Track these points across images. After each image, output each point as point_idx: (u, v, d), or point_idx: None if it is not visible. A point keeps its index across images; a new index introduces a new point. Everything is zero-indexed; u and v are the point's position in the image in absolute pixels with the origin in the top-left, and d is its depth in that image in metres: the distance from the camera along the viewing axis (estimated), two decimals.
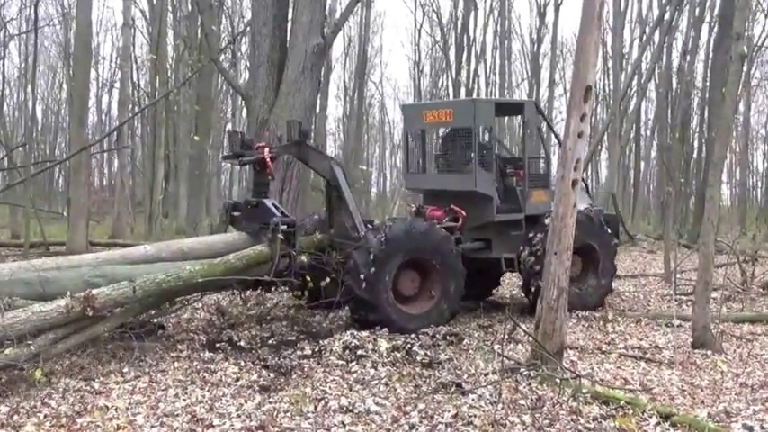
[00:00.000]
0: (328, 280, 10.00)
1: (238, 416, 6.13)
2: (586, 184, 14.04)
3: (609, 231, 12.04)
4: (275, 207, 10.14)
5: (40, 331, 7.09)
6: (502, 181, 11.85)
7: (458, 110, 11.96)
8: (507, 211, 11.43)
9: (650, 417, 6.22)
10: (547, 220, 10.39)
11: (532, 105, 12.63)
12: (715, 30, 29.29)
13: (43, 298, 7.47)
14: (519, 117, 13.65)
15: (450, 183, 11.88)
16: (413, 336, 9.23)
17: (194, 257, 9.26)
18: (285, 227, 9.68)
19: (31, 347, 6.89)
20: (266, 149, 10.34)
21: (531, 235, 11.27)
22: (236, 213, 10.73)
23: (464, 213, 11.24)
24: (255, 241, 9.83)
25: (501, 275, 12.58)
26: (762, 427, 6.15)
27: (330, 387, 7.04)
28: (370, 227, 10.55)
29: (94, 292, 7.45)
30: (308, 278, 10.03)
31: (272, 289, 10.76)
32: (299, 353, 8.52)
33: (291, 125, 10.95)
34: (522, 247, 11.25)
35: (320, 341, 8.94)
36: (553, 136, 14.29)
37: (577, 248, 9.37)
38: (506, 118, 33.32)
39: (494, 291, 13.03)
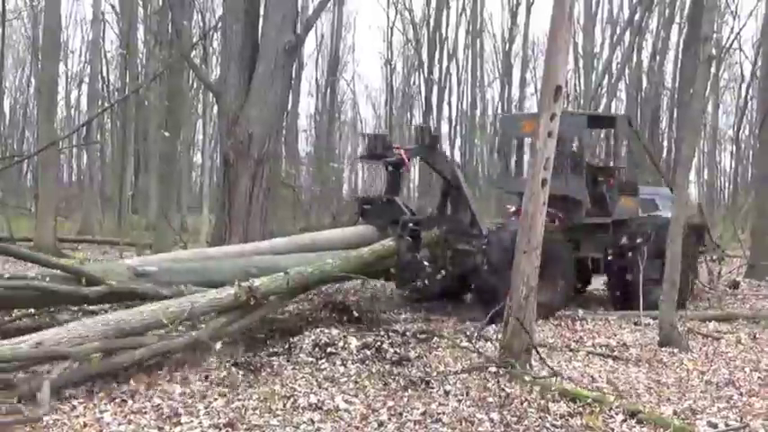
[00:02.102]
0: (443, 273, 10.95)
1: (207, 413, 6.09)
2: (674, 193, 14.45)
3: (691, 237, 12.56)
4: (405, 205, 11.24)
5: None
6: (593, 187, 12.60)
7: None
8: (596, 214, 12.31)
9: (617, 414, 6.27)
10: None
11: (624, 120, 13.68)
12: (684, 31, 29.58)
13: (208, 285, 8.25)
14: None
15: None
16: (383, 334, 9.25)
17: (329, 248, 10.25)
18: (412, 224, 10.67)
19: (211, 328, 7.69)
20: (403, 151, 11.40)
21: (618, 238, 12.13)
22: (367, 207, 11.73)
23: (560, 215, 12.00)
24: (383, 235, 10.78)
25: (590, 274, 12.91)
26: (726, 424, 6.23)
27: (299, 384, 7.01)
28: (492, 225, 11.61)
29: (256, 282, 8.21)
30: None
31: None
32: (269, 350, 8.48)
33: (423, 130, 11.83)
34: (607, 249, 12.02)
35: (290, 339, 8.91)
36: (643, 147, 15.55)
37: (660, 253, 10.71)
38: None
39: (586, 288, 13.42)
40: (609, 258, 12.14)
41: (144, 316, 7.30)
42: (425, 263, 10.73)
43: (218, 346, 7.53)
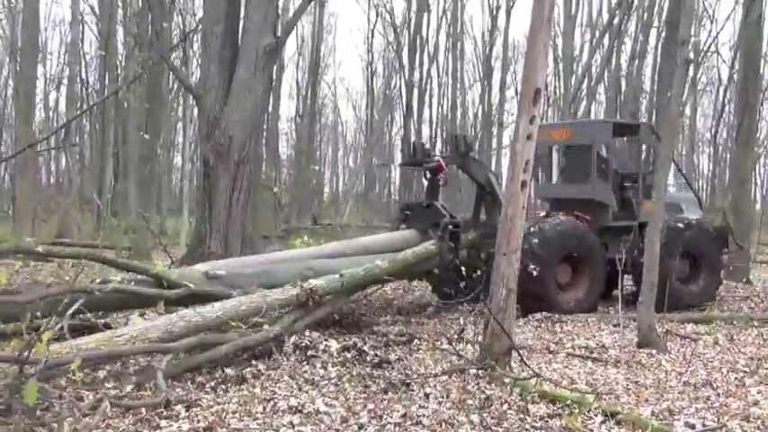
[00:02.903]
0: (480, 273, 11.70)
1: (186, 417, 6.07)
2: (699, 198, 15.23)
3: (714, 239, 13.33)
4: (444, 209, 11.79)
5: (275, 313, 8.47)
6: (620, 192, 13.32)
7: (579, 129, 14.15)
8: (622, 218, 13.09)
9: (596, 415, 6.29)
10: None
11: (648, 127, 14.48)
12: (663, 35, 29.79)
13: (271, 287, 8.86)
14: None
15: (573, 192, 13.70)
16: (363, 336, 9.26)
17: (376, 251, 10.93)
18: (452, 227, 11.39)
19: (276, 326, 8.18)
20: (441, 158, 12.20)
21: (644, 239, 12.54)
22: (408, 213, 12.47)
23: (589, 219, 12.70)
24: (424, 238, 11.44)
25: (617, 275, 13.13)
26: (704, 425, 6.27)
27: (279, 387, 7.00)
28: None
29: (314, 283, 8.88)
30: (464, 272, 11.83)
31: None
32: (249, 353, 8.45)
33: (459, 138, 12.64)
34: (634, 251, 12.34)
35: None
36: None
37: (684, 253, 12.75)
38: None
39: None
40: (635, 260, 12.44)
41: (220, 314, 7.93)
42: (464, 264, 11.68)
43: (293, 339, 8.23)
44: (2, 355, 5.73)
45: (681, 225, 12.98)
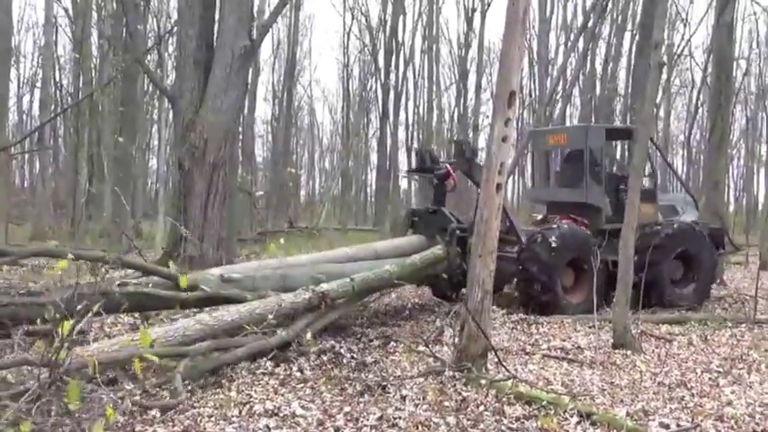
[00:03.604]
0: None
1: (161, 421, 6.03)
2: (694, 199, 15.42)
3: (708, 241, 13.47)
4: (451, 214, 12.07)
5: (288, 316, 8.60)
6: (615, 195, 13.37)
7: (573, 134, 14.37)
8: (615, 220, 12.65)
9: (571, 416, 6.32)
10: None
11: None
12: (636, 38, 30.04)
13: (284, 290, 8.99)
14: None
15: (567, 195, 13.93)
16: (340, 339, 9.25)
17: (385, 256, 11.19)
18: (459, 232, 11.69)
19: (290, 330, 8.33)
20: (449, 165, 12.50)
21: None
22: (415, 219, 12.70)
23: (586, 222, 12.92)
24: (432, 243, 11.71)
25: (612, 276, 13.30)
26: (678, 425, 6.32)
27: (256, 391, 6.97)
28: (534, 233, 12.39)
29: (325, 287, 9.04)
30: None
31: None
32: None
33: (463, 144, 12.83)
34: None
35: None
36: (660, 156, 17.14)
37: (677, 254, 12.96)
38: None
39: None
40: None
41: (236, 317, 8.06)
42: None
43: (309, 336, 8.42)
44: (32, 358, 5.77)
45: (674, 226, 13.19)
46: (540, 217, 14.37)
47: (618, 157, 23.97)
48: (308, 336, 8.37)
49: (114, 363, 6.57)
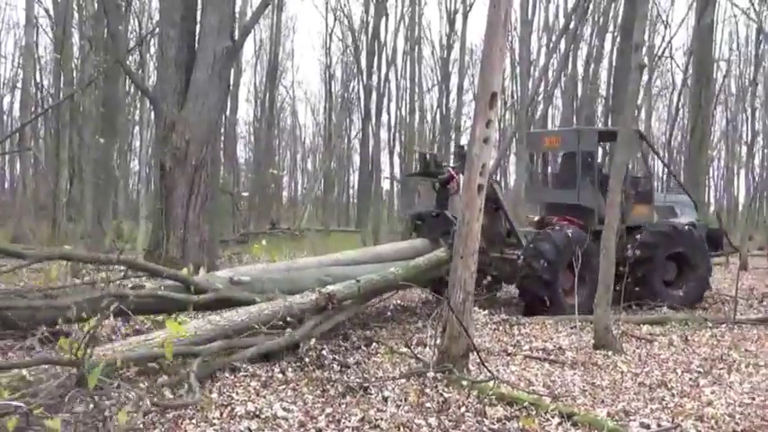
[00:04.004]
0: (489, 278, 12.16)
1: (142, 423, 5.99)
2: (693, 201, 15.64)
3: (702, 241, 13.75)
4: (453, 217, 11.84)
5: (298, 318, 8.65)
6: None
7: (567, 136, 14.60)
8: None
9: (552, 417, 6.34)
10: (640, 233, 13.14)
11: (635, 134, 14.72)
12: (618, 39, 30.20)
13: (292, 292, 9.16)
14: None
15: (562, 197, 14.20)
16: (323, 340, 9.22)
17: (390, 259, 11.38)
18: None
19: (300, 330, 8.44)
20: (452, 169, 12.62)
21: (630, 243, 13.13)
22: (419, 222, 12.98)
23: (581, 223, 13.08)
24: (435, 246, 11.87)
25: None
26: (658, 425, 6.36)
27: (237, 392, 6.95)
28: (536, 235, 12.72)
29: (331, 288, 9.16)
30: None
31: None
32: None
33: (465, 148, 12.96)
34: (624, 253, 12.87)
35: None
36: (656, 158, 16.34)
37: (672, 255, 13.25)
38: None
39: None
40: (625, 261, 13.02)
41: (245, 318, 8.15)
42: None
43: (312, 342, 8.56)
44: (54, 357, 5.90)
45: (668, 228, 13.40)
46: (536, 218, 14.57)
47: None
48: (312, 341, 8.48)
49: (137, 361, 6.73)
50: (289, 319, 8.44)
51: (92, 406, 5.60)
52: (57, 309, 7.65)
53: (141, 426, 5.78)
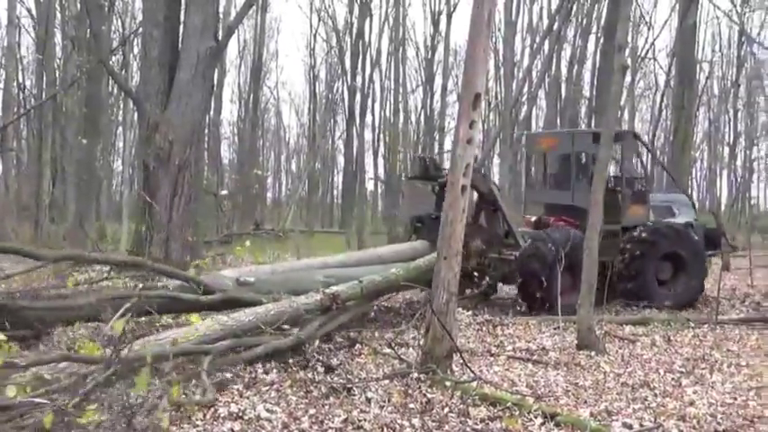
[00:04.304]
0: (487, 279, 12.59)
1: (126, 424, 5.95)
2: (692, 200, 15.88)
3: (698, 241, 13.88)
4: None
5: (302, 318, 8.75)
6: (608, 197, 13.55)
7: (562, 138, 15.09)
8: (608, 222, 13.12)
9: (536, 417, 6.35)
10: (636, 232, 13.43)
11: (630, 135, 15.46)
12: (601, 41, 30.32)
13: (296, 293, 9.24)
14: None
15: (558, 197, 14.48)
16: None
17: (391, 261, 11.53)
18: None
19: (306, 330, 8.49)
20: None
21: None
22: (419, 225, 13.18)
23: (577, 224, 13.20)
24: (434, 248, 12.41)
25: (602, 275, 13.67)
26: (641, 425, 6.38)
27: (220, 393, 6.92)
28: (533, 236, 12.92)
29: (335, 289, 9.26)
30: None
31: None
32: None
33: None
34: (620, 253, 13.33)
35: None
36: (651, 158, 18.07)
37: (666, 255, 13.39)
38: None
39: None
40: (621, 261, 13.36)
41: (252, 318, 8.27)
42: (474, 271, 12.41)
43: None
44: (89, 356, 6.04)
45: (664, 228, 13.59)
46: (533, 218, 14.71)
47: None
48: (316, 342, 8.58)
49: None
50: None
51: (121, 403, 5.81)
52: (70, 309, 7.91)
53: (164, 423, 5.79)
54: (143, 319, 8.91)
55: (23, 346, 7.53)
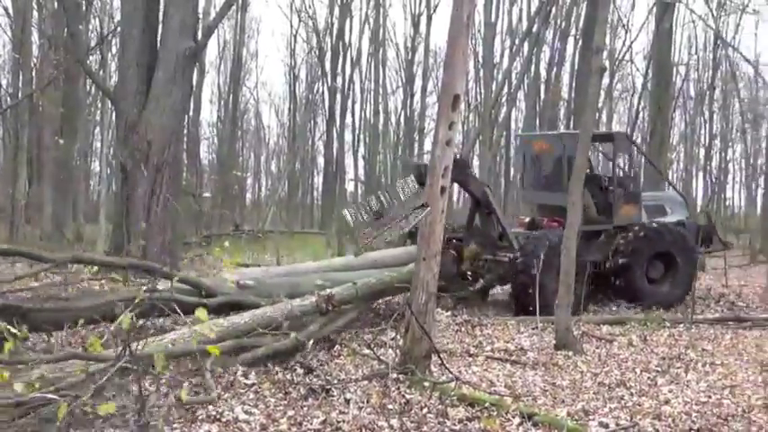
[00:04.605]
0: (482, 281, 12.92)
1: (101, 426, 5.93)
2: (685, 198, 16.08)
3: (689, 241, 14.06)
4: (448, 225, 12.09)
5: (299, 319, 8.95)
6: (601, 196, 14.14)
7: (554, 140, 15.35)
8: (600, 222, 13.95)
9: (513, 417, 6.39)
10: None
11: (623, 135, 15.92)
12: (580, 43, 30.49)
13: (294, 296, 9.35)
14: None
15: (551, 198, 14.71)
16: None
17: (383, 266, 11.60)
18: (455, 240, 12.72)
19: (304, 333, 8.59)
20: None
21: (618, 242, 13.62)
22: (414, 230, 13.15)
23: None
24: None
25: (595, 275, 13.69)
26: (617, 424, 6.43)
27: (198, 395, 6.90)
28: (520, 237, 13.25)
29: (329, 291, 9.37)
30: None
31: None
32: None
33: (456, 158, 14.17)
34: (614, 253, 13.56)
35: None
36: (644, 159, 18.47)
37: (657, 255, 13.57)
38: None
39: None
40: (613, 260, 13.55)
41: (248, 320, 8.50)
42: (468, 273, 12.85)
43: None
44: (98, 354, 6.18)
45: (654, 227, 13.79)
46: (527, 219, 14.95)
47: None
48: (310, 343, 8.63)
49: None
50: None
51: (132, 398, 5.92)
52: (76, 311, 8.04)
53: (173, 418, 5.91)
54: (146, 321, 9.00)
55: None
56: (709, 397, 7.53)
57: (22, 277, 9.42)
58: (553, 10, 31.53)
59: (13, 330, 5.95)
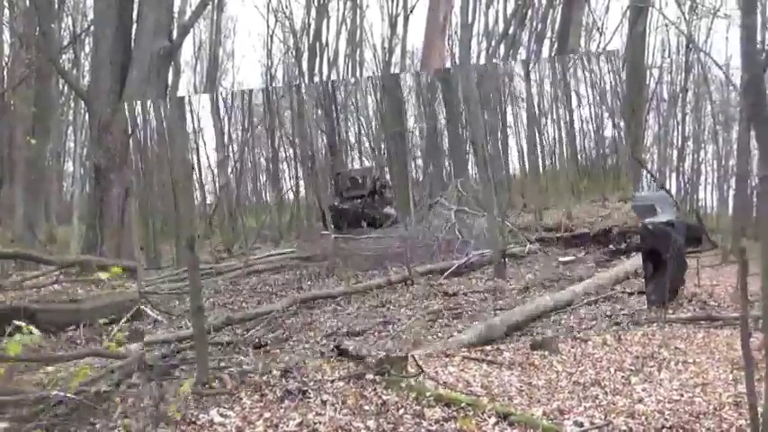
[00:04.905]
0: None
1: (77, 428, 5.89)
2: (673, 198, 16.37)
3: (678, 240, 13.84)
4: None
5: None
6: None
7: None
8: None
9: (490, 417, 6.41)
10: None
11: None
12: (555, 45, 30.63)
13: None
14: None
15: None
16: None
17: None
18: None
19: None
20: None
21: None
22: None
23: None
24: None
25: None
26: (591, 423, 6.47)
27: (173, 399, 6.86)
28: None
29: None
30: None
31: None
32: None
33: None
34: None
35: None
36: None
37: (646, 254, 13.16)
38: None
39: None
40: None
41: None
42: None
43: None
44: (115, 352, 6.68)
45: (644, 227, 13.78)
46: None
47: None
48: None
49: None
50: None
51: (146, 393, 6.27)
52: (80, 312, 8.51)
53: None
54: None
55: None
56: (682, 395, 7.57)
57: (27, 279, 9.57)
58: (529, 12, 31.69)
59: (33, 330, 6.02)
